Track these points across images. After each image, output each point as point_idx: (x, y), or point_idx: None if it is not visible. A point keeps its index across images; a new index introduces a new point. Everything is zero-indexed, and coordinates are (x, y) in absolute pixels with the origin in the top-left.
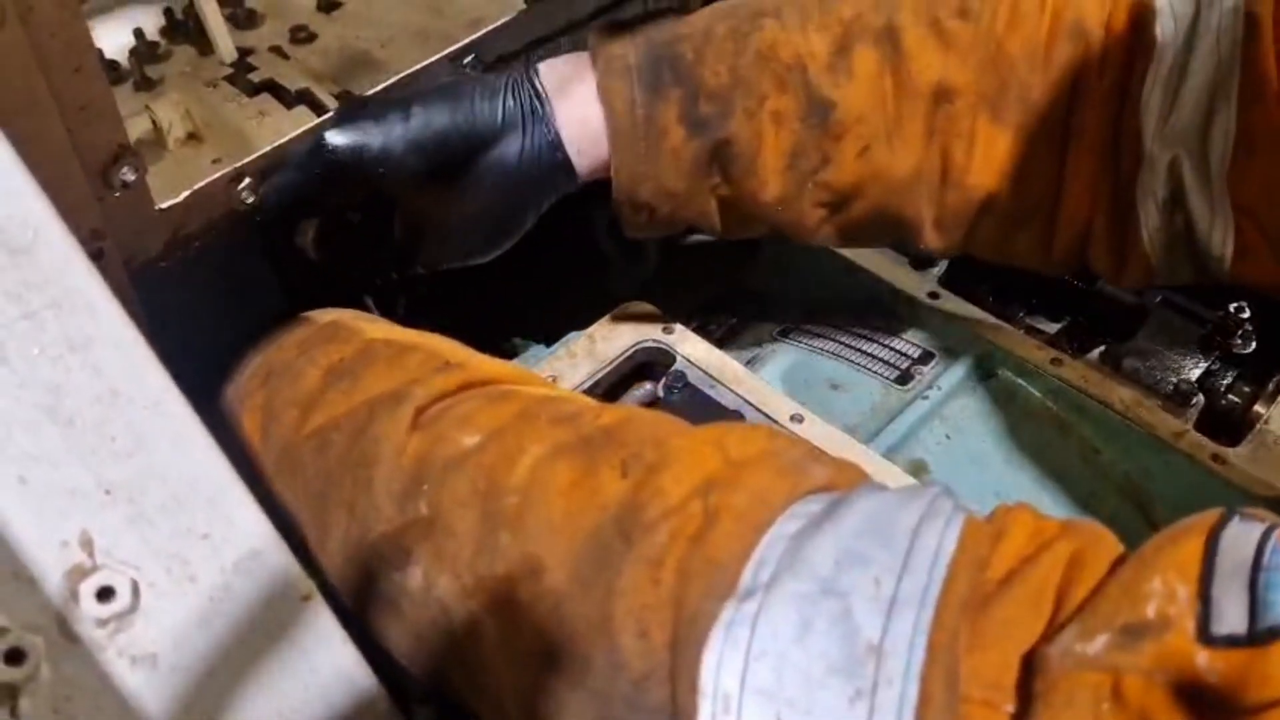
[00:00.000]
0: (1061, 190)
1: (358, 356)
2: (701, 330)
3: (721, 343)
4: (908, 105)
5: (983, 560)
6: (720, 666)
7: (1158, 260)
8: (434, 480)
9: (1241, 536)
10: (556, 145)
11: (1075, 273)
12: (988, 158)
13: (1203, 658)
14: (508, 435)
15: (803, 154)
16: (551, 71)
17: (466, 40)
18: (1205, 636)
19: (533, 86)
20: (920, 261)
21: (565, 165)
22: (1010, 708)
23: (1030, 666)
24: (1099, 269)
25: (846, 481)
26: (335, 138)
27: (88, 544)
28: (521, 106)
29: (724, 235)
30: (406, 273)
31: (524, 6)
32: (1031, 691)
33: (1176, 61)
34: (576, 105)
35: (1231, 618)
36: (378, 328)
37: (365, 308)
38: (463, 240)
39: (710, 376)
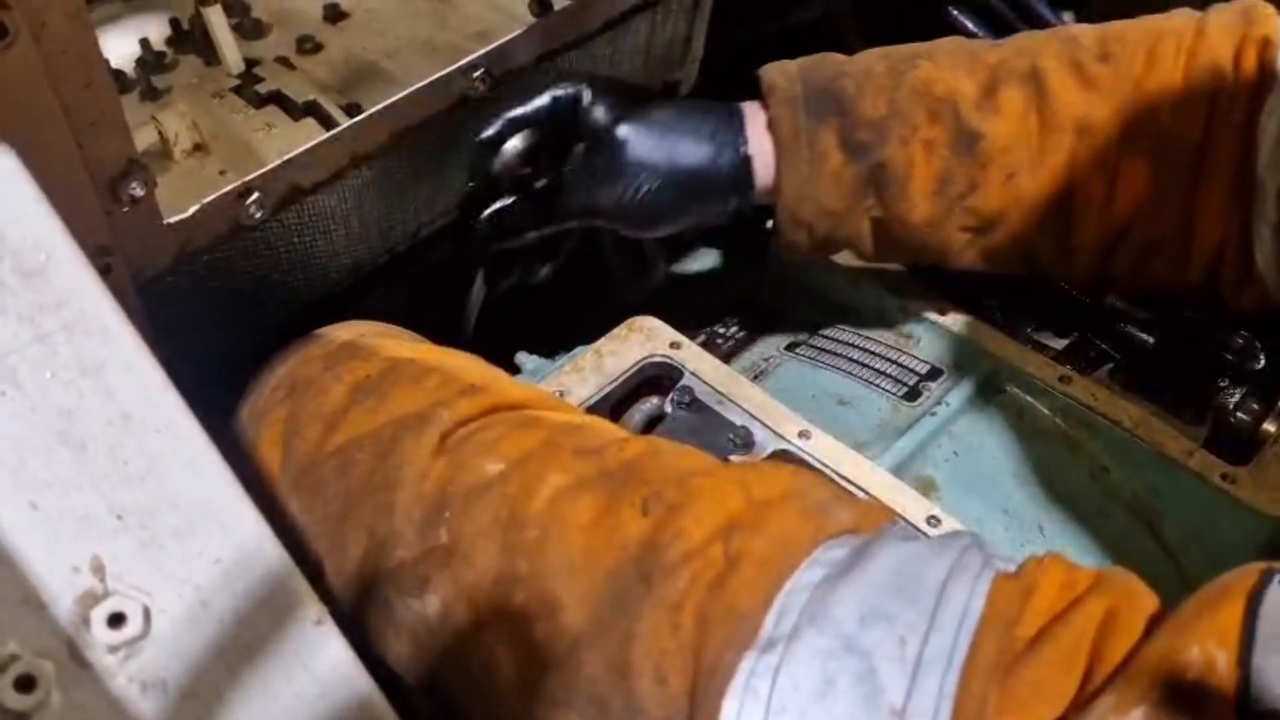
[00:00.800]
0: (1195, 218)
1: (383, 375)
2: (709, 345)
3: (729, 357)
4: (1051, 139)
5: (1012, 619)
6: (740, 719)
7: (1273, 284)
8: (456, 509)
9: None
10: (743, 150)
11: (1208, 298)
12: (1126, 188)
13: None
14: (531, 465)
15: (951, 180)
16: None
17: (476, 54)
18: (1245, 711)
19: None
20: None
21: (745, 175)
22: None
23: None
24: (1225, 293)
25: (871, 524)
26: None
27: (99, 569)
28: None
29: (874, 259)
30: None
31: (529, 17)
32: None
33: None
34: (754, 137)
35: (1273, 690)
36: (401, 345)
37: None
38: (637, 224)
39: (718, 392)
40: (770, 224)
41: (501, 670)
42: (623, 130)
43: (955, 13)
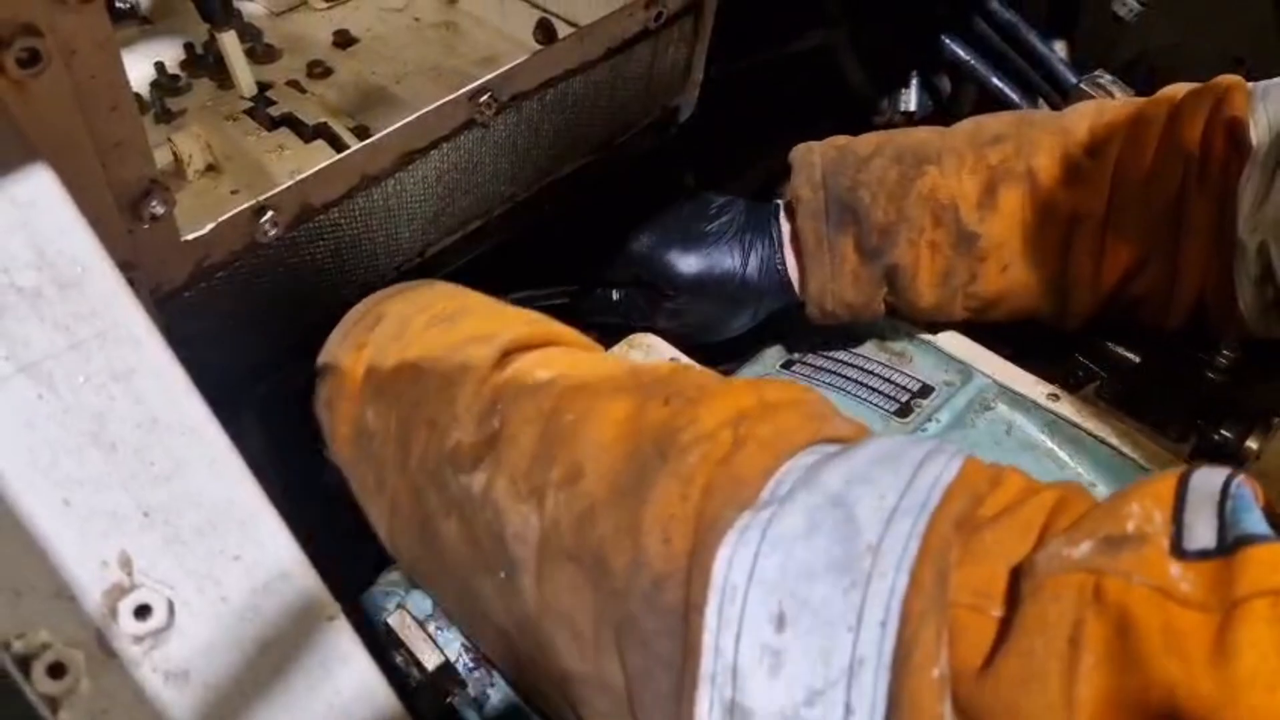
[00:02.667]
0: (1177, 275)
1: (459, 309)
2: (707, 363)
3: (727, 374)
4: (1044, 231)
5: (979, 494)
6: (731, 563)
7: (1253, 324)
8: (507, 402)
9: (1209, 476)
10: (781, 268)
11: (1193, 333)
12: (1113, 262)
13: (1176, 569)
14: (575, 372)
15: (953, 273)
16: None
17: (482, 80)
18: (1178, 551)
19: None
20: None
21: (784, 282)
22: (997, 612)
23: (1018, 576)
24: (1210, 330)
25: (863, 436)
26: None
27: (127, 564)
28: (763, 247)
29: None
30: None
31: (534, 44)
32: (1020, 595)
33: (1266, 162)
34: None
35: (1201, 537)
36: (472, 293)
37: None
38: (699, 332)
39: None
40: None
41: (529, 538)
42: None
43: (949, 43)
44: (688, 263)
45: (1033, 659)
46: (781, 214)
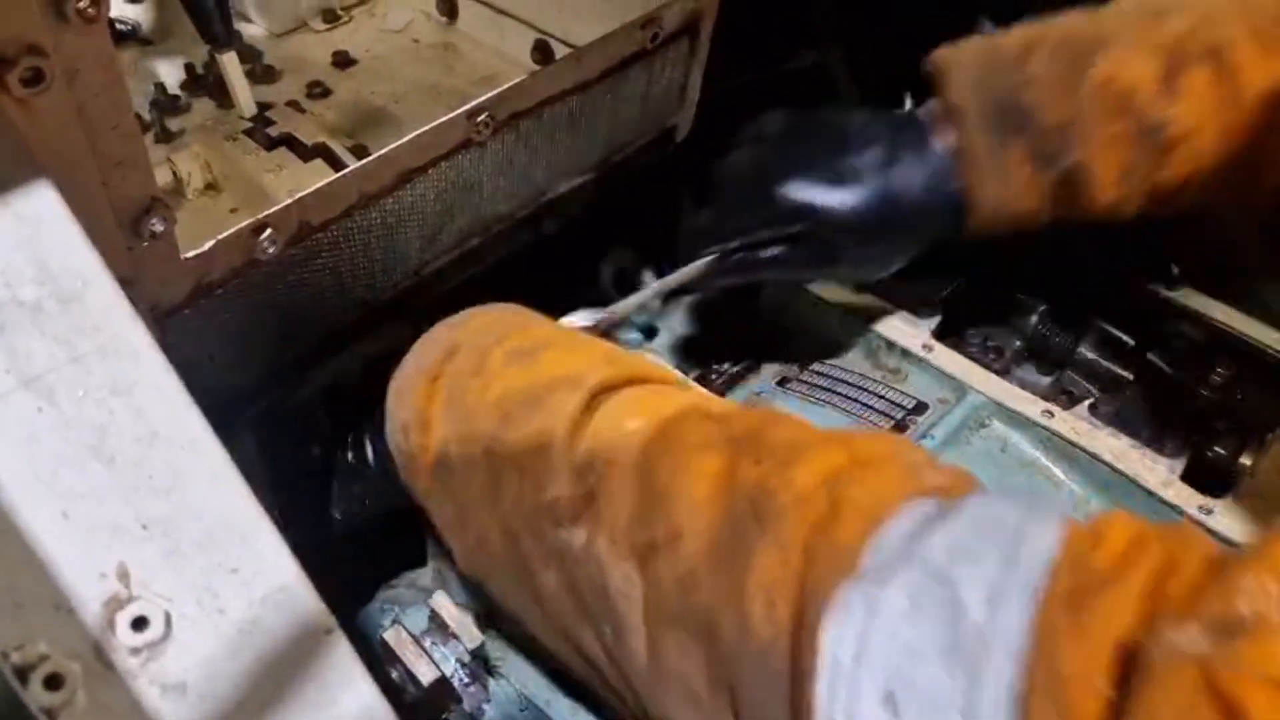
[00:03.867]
0: None
1: (536, 342)
2: (702, 380)
3: (722, 392)
4: (1234, 113)
5: (1084, 558)
6: (839, 639)
7: None
8: (602, 456)
9: None
10: (954, 188)
11: None
12: None
13: None
14: (668, 425)
15: (1136, 167)
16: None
17: (480, 99)
18: None
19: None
20: (915, 313)
21: (958, 204)
22: (1109, 693)
23: (1129, 658)
24: None
25: (960, 488)
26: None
27: (124, 576)
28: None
29: (1050, 225)
30: None
31: (531, 65)
32: (1131, 681)
33: None
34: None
35: None
36: (546, 321)
37: None
38: (864, 274)
39: None
40: None
41: (633, 595)
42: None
43: None
44: (850, 204)
45: None
46: (932, 125)
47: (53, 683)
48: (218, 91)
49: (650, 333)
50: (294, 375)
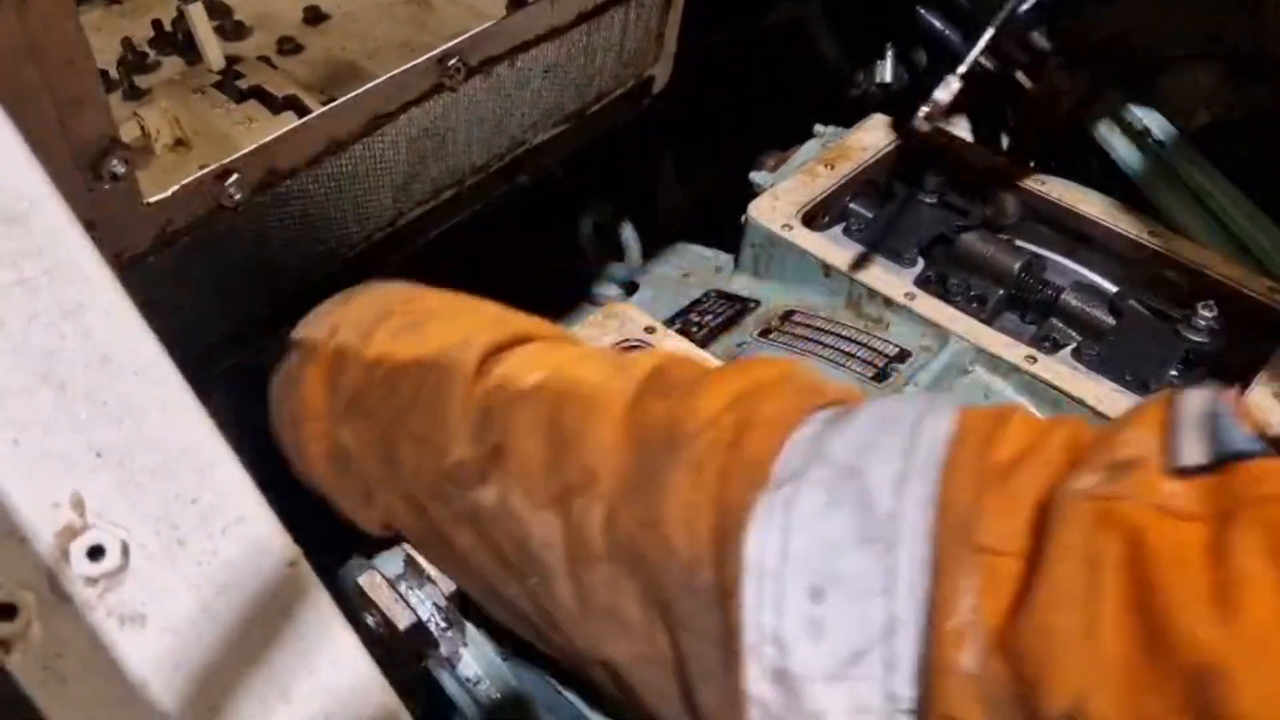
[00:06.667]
0: None
1: (421, 314)
2: (683, 332)
3: (704, 343)
4: None
5: (987, 436)
6: (762, 545)
7: None
8: (501, 413)
9: (1195, 399)
10: None
11: None
12: None
13: (1171, 486)
14: (564, 371)
15: None
16: None
17: (451, 43)
18: (1172, 470)
19: None
20: (898, 262)
21: None
22: (1026, 550)
23: (1043, 512)
24: None
25: (855, 398)
26: None
27: (79, 505)
28: None
29: None
30: None
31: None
32: (1045, 528)
33: None
34: None
35: (1192, 455)
36: (431, 292)
37: None
38: None
39: None
40: (744, 217)
41: (554, 542)
42: None
43: (924, 14)
44: None
45: (1060, 584)
46: None
47: (6, 613)
48: (186, 49)
49: (631, 288)
50: (265, 331)
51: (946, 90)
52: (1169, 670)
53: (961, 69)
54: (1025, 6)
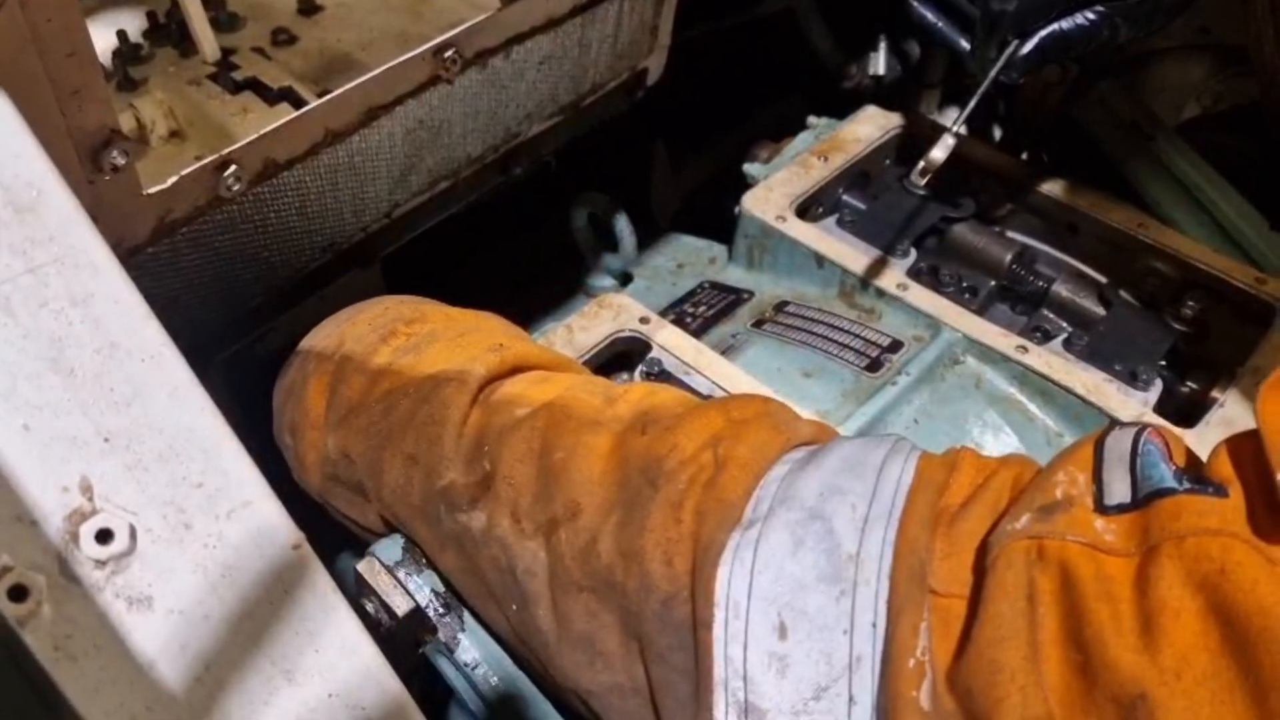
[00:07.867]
0: None
1: (423, 336)
2: (678, 323)
3: (698, 334)
4: None
5: (941, 485)
6: (730, 582)
7: None
8: (494, 442)
9: (1122, 437)
10: None
11: None
12: None
13: (1100, 523)
14: (557, 409)
15: None
16: None
17: (446, 35)
18: (1100, 507)
19: None
20: (890, 253)
21: None
22: (970, 590)
23: (982, 553)
24: None
25: (826, 437)
26: None
27: (87, 489)
28: None
29: None
30: None
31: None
32: (984, 568)
33: None
34: None
35: (1119, 493)
36: (437, 310)
37: None
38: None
39: (685, 364)
40: (737, 209)
41: (535, 569)
42: None
43: (918, 5)
44: None
45: (1001, 621)
46: None
47: (17, 594)
48: (181, 40)
49: (625, 279)
50: (263, 320)
51: (943, 148)
52: (1104, 699)
53: (957, 127)
54: (1025, 51)
